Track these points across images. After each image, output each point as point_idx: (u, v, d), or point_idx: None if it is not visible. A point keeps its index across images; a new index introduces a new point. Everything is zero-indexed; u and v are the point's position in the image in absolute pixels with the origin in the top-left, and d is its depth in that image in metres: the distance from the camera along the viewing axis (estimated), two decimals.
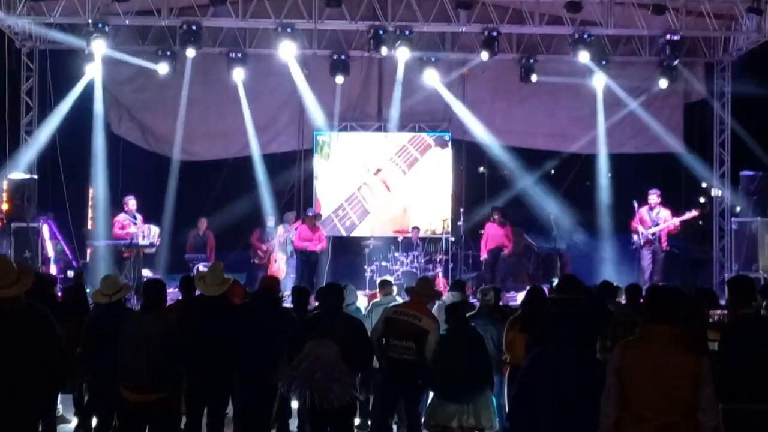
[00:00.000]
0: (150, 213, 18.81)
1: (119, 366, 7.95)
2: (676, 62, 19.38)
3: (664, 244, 18.07)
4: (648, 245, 18.02)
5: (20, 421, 6.88)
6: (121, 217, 17.83)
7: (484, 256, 19.29)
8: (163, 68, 19.25)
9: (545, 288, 12.06)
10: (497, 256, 19.15)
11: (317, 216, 19.02)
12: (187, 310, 9.34)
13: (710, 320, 10.01)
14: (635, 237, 18.19)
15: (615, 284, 11.36)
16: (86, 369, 8.74)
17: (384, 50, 18.83)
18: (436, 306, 10.78)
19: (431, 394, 9.41)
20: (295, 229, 18.93)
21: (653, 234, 17.94)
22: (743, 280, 7.99)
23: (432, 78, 19.99)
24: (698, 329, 8.45)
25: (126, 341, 7.94)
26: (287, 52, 18.78)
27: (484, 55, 18.95)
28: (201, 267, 17.36)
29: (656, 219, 18.03)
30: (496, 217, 19.24)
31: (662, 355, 5.77)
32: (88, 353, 8.81)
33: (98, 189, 19.20)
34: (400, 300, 10.94)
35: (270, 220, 19.81)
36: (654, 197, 18.19)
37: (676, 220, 18.06)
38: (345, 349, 8.05)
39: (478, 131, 21.23)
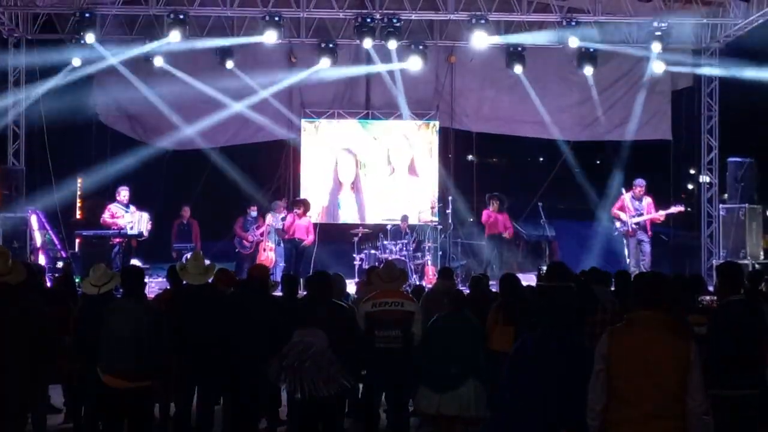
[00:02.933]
0: (137, 203, 18.75)
1: (104, 352, 7.93)
2: (663, 49, 19.34)
3: (649, 232, 18.10)
4: (632, 234, 18.01)
5: (10, 409, 6.89)
6: (113, 207, 17.77)
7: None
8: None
9: (533, 275, 12.07)
10: (497, 241, 19.12)
11: (305, 204, 18.98)
12: (174, 299, 9.34)
13: (699, 306, 10.06)
14: (617, 224, 18.22)
15: (604, 271, 11.38)
16: (76, 359, 8.70)
17: (370, 41, 18.81)
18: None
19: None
20: (283, 217, 18.90)
21: (637, 224, 17.93)
22: (732, 266, 8.06)
23: (419, 66, 19.97)
24: (682, 314, 8.51)
25: (112, 328, 7.91)
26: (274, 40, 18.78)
27: (476, 40, 18.88)
28: (189, 256, 17.30)
29: (639, 208, 18.01)
30: (493, 203, 19.12)
31: (650, 340, 5.78)
32: (77, 344, 8.78)
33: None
34: None
35: (252, 210, 19.74)
36: (640, 188, 18.18)
37: (662, 213, 18.06)
38: (333, 337, 8.08)
39: (466, 119, 21.30)
